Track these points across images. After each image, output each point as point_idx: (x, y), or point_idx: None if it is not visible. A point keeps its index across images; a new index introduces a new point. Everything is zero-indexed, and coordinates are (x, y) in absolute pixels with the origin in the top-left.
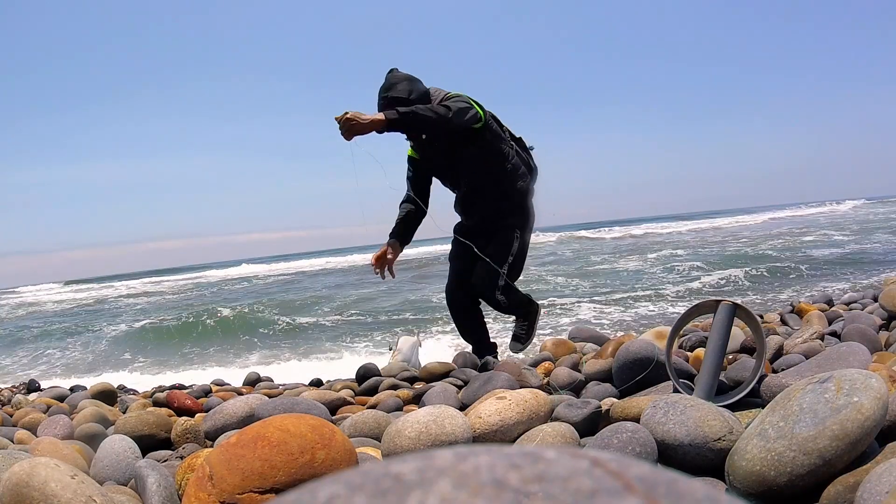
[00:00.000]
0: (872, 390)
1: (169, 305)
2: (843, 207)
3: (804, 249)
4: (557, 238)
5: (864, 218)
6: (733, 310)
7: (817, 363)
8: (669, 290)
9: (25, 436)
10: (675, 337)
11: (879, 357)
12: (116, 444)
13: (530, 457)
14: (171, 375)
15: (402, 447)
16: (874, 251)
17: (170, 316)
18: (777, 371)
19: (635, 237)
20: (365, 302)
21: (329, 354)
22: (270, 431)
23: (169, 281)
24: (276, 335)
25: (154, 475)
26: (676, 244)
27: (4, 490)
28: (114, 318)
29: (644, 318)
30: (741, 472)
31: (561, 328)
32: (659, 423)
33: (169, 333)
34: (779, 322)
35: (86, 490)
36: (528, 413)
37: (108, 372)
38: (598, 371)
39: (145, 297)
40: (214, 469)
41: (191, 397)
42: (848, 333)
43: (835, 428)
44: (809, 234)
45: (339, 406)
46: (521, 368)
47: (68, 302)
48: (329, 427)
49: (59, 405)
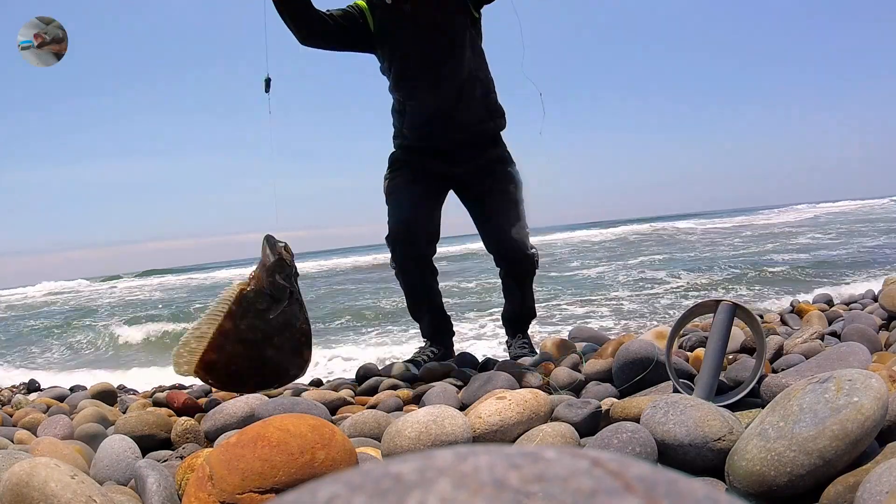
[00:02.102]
0: (872, 390)
1: (169, 305)
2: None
3: (804, 249)
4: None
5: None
6: (733, 310)
7: (817, 363)
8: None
9: (25, 436)
10: (675, 337)
11: (879, 357)
12: (116, 444)
13: (530, 457)
14: (171, 375)
15: (402, 447)
16: (873, 251)
17: (170, 316)
18: (777, 371)
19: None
20: (364, 303)
21: (329, 354)
22: (270, 431)
23: (169, 281)
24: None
25: (154, 475)
26: (676, 244)
27: (4, 490)
28: (115, 317)
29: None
30: (741, 472)
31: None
32: (659, 423)
33: (169, 333)
34: (779, 322)
35: (86, 490)
36: (528, 413)
37: (108, 371)
38: (598, 371)
39: (145, 297)
40: (214, 469)
41: (191, 397)
42: (848, 333)
43: (835, 428)
44: (811, 233)
45: (339, 406)
46: (521, 368)
47: (68, 301)
48: (329, 427)
49: (59, 405)
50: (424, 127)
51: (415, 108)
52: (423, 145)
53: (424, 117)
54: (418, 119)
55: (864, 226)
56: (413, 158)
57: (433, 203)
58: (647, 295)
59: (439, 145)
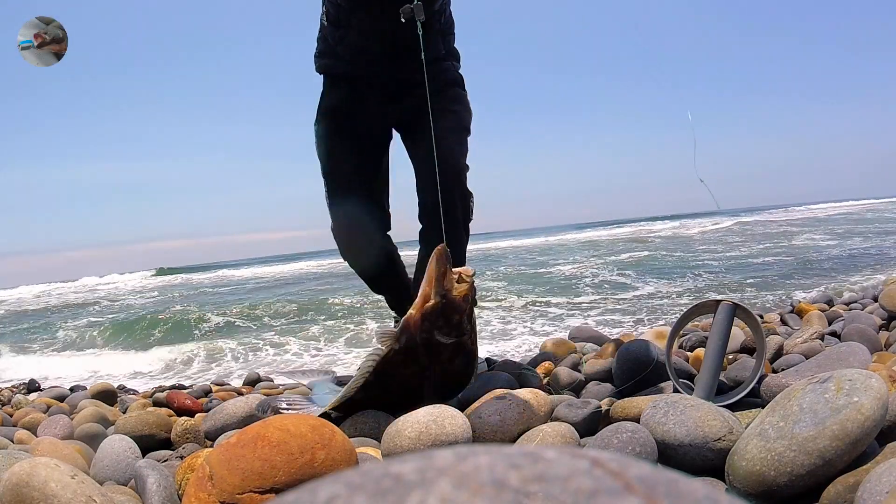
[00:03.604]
0: (872, 390)
1: (170, 305)
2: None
3: (805, 249)
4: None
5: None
6: (733, 310)
7: (817, 363)
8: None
9: (25, 436)
10: (675, 337)
11: (879, 357)
12: (116, 444)
13: (530, 457)
14: (171, 375)
15: (402, 447)
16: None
17: (171, 315)
18: (777, 371)
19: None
20: (365, 302)
21: (329, 354)
22: (270, 431)
23: (170, 281)
24: (276, 335)
25: (154, 475)
26: (676, 243)
27: (4, 490)
28: (113, 317)
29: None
30: (741, 472)
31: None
32: (659, 423)
33: (168, 334)
34: (779, 322)
35: (86, 490)
36: (528, 413)
37: (108, 371)
38: (598, 371)
39: (146, 295)
40: (214, 469)
41: (191, 397)
42: (848, 333)
43: (835, 428)
44: (811, 233)
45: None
46: (521, 368)
47: (67, 301)
48: (329, 427)
49: (59, 405)
50: (370, 52)
51: (364, 24)
52: (361, 73)
53: (375, 39)
54: (364, 40)
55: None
56: (351, 106)
57: (380, 174)
58: (647, 295)
59: (382, 78)
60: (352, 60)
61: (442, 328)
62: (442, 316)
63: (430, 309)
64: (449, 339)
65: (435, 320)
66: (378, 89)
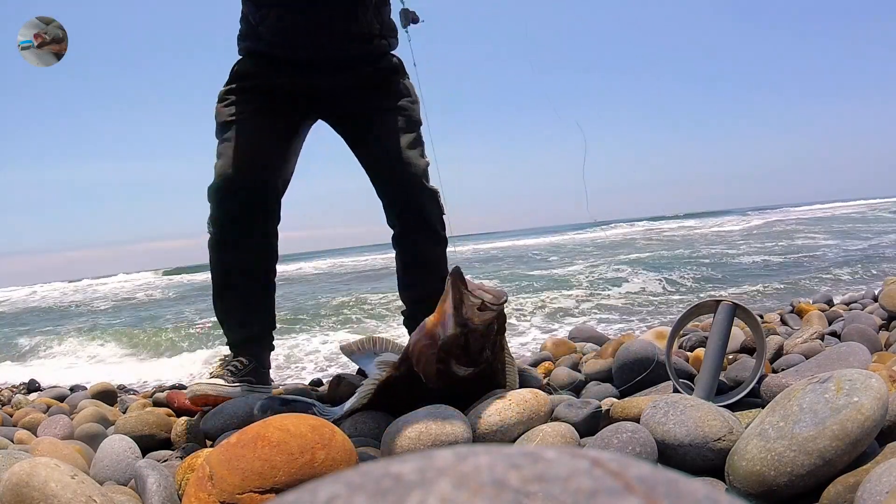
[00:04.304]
0: (872, 390)
1: (170, 304)
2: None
3: (806, 249)
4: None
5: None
6: (733, 310)
7: (817, 363)
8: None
9: (25, 436)
10: (675, 337)
11: (879, 357)
12: (116, 444)
13: (530, 457)
14: (171, 375)
15: (402, 447)
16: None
17: (171, 315)
18: (777, 371)
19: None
20: (365, 302)
21: (328, 354)
22: (270, 431)
23: (170, 281)
24: (277, 334)
25: (154, 475)
26: (675, 243)
27: (4, 490)
28: (114, 315)
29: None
30: (741, 472)
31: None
32: (659, 423)
33: (169, 332)
34: (779, 322)
35: (86, 490)
36: (528, 413)
37: (107, 370)
38: (598, 371)
39: (146, 295)
40: (214, 469)
41: None
42: (848, 333)
43: (835, 428)
44: (813, 233)
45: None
46: (521, 367)
47: (66, 300)
48: (329, 427)
49: (59, 405)
50: (297, 30)
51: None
52: (287, 55)
53: (301, 18)
54: (289, 19)
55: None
56: (266, 73)
57: (287, 144)
58: (648, 295)
59: (310, 58)
60: (272, 41)
61: (460, 358)
62: (461, 347)
63: (448, 340)
64: (468, 370)
65: (452, 351)
66: (302, 66)
